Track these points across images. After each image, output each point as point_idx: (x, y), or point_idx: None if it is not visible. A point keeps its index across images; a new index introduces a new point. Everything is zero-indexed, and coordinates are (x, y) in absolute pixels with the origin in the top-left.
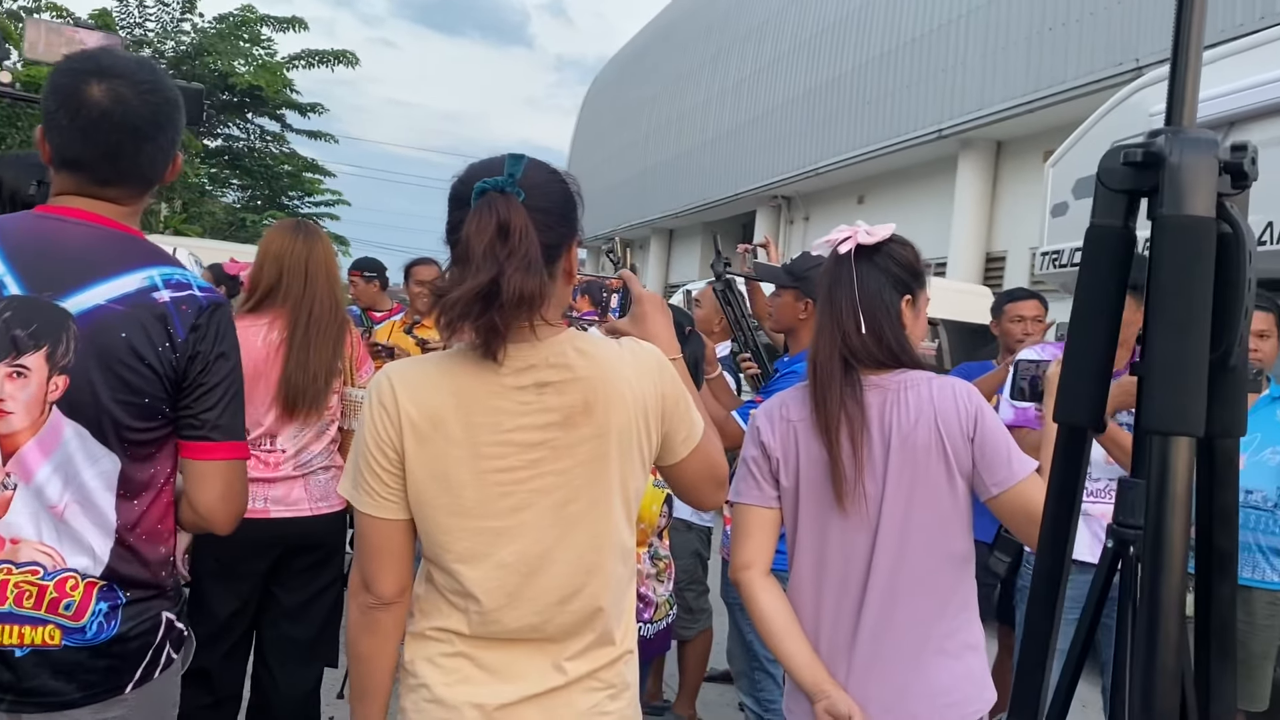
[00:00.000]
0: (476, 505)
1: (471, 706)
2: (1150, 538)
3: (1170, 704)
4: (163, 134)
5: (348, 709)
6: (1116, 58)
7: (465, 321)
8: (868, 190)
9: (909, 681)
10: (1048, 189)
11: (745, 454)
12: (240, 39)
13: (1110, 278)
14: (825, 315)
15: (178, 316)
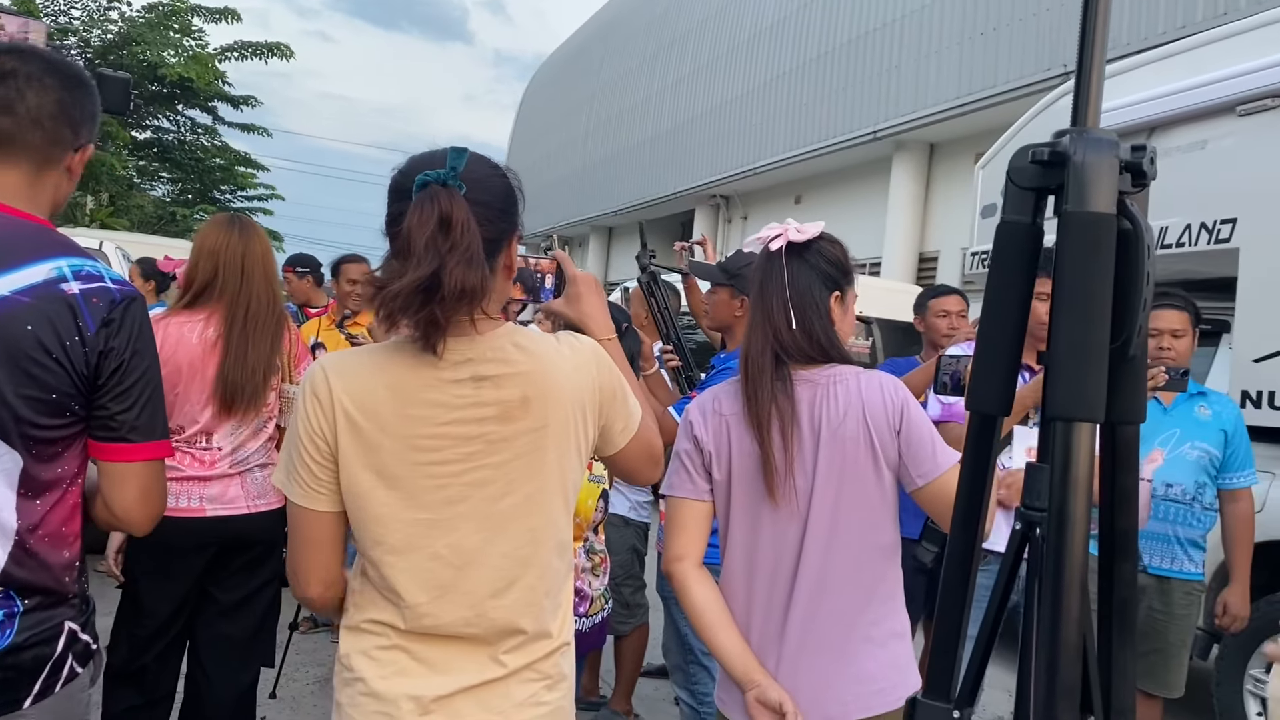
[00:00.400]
0: (410, 497)
1: (408, 699)
2: (1054, 519)
3: (1073, 676)
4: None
5: (280, 709)
6: (1045, 63)
7: (405, 314)
8: (805, 190)
9: (837, 669)
10: (978, 190)
11: (678, 447)
12: (170, 29)
13: (1018, 272)
14: (757, 311)
15: (88, 309)
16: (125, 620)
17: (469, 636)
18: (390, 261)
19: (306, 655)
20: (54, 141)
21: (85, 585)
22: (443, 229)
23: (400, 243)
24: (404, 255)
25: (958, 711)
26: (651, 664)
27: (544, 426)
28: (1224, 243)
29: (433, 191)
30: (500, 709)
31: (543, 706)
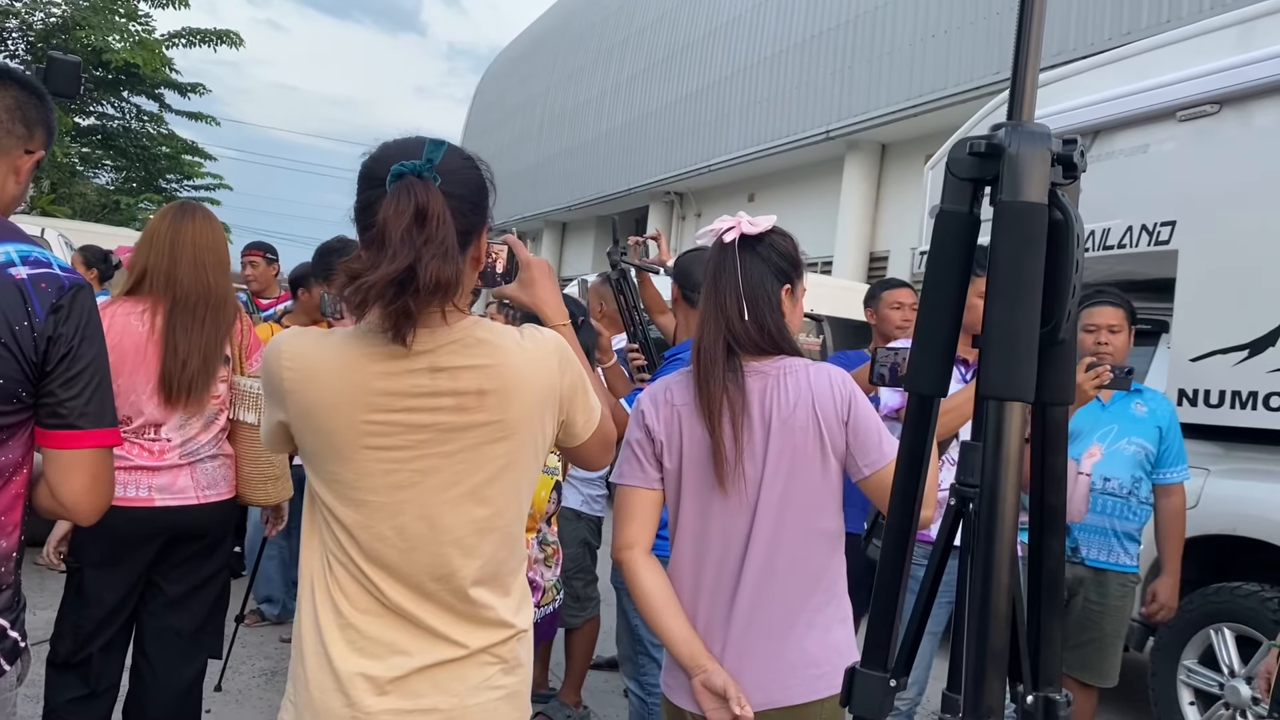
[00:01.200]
0: (354, 479)
1: (362, 678)
2: (986, 494)
3: (1001, 643)
4: None
5: (226, 702)
6: (995, 66)
7: (378, 305)
8: (758, 188)
9: (782, 654)
10: (927, 190)
11: (629, 436)
12: (115, 14)
13: (955, 259)
14: (710, 302)
15: (36, 295)
16: (70, 611)
17: (418, 615)
18: (362, 252)
19: (253, 648)
20: (7, 132)
21: (19, 581)
22: (419, 221)
23: (375, 233)
24: (378, 246)
25: (894, 680)
26: (601, 656)
27: (499, 420)
28: (1164, 245)
29: (409, 183)
30: (456, 691)
31: (498, 690)
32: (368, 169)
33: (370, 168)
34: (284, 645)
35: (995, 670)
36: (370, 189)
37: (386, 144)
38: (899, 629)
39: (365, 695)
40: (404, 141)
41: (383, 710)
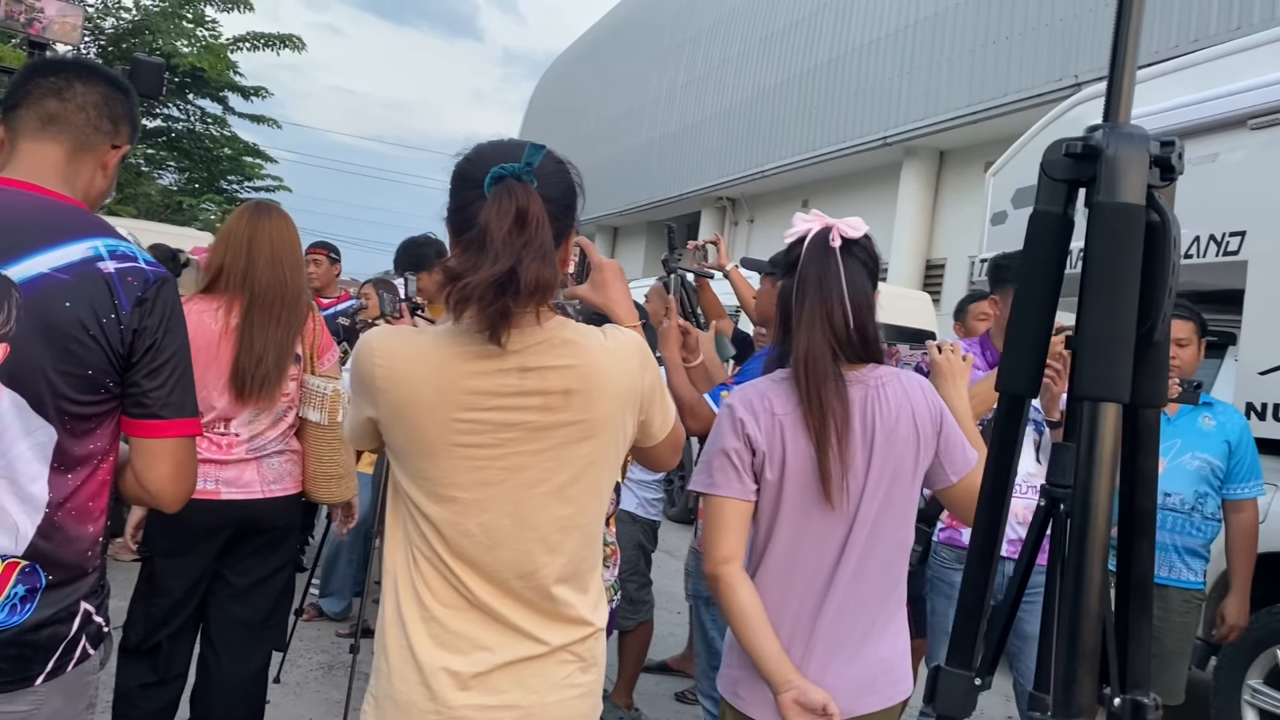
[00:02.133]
0: (443, 475)
1: (446, 672)
2: (1079, 495)
3: (1093, 643)
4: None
5: (284, 694)
6: (1056, 73)
7: (479, 306)
8: (812, 194)
9: (860, 663)
10: (988, 198)
11: (725, 445)
12: (183, 18)
13: (1050, 259)
14: (815, 309)
15: (123, 288)
16: (141, 599)
17: (500, 611)
18: (462, 252)
19: (310, 642)
20: (95, 128)
21: (104, 566)
22: (519, 224)
23: (475, 234)
24: (479, 247)
25: (979, 679)
26: (652, 660)
27: (584, 419)
28: (1232, 255)
29: (510, 186)
30: (536, 688)
31: (576, 689)
32: (464, 171)
33: (466, 170)
34: (340, 640)
35: (1087, 670)
36: (467, 190)
37: (481, 146)
38: (983, 628)
39: (448, 689)
40: (499, 144)
41: (464, 705)
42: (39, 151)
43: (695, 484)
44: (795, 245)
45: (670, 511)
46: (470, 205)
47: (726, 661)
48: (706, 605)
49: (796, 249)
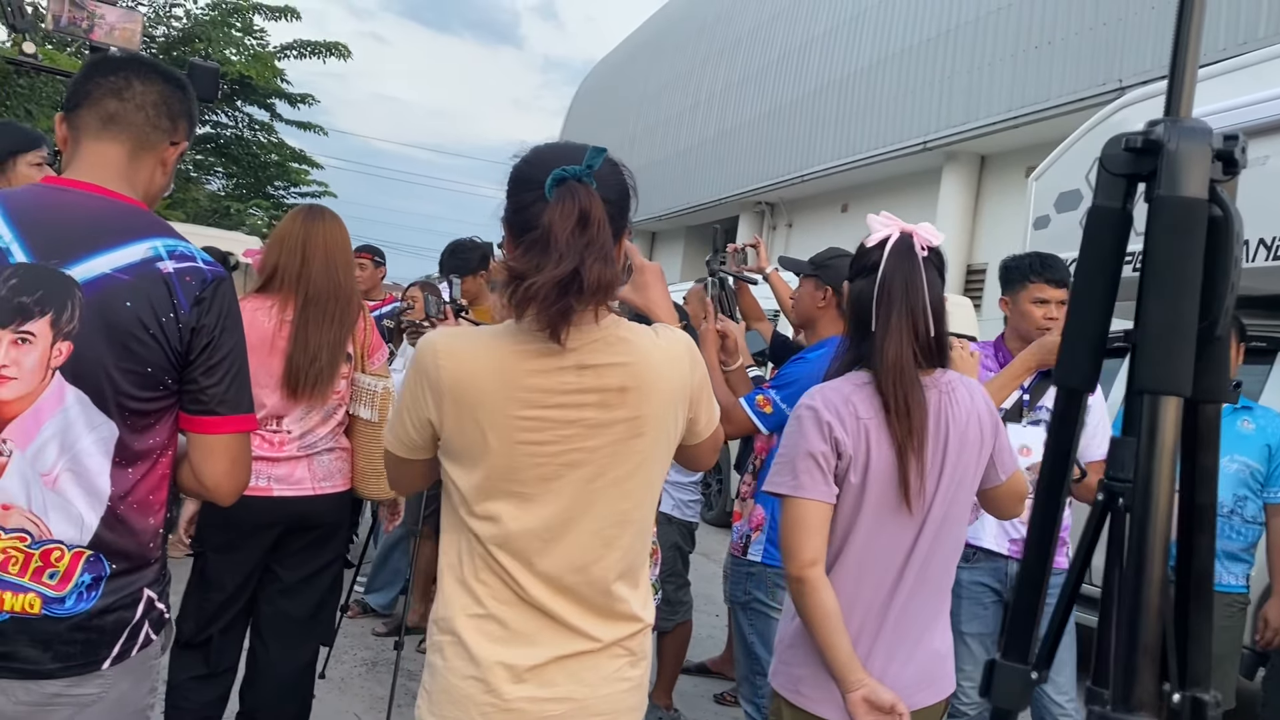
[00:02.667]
0: (508, 472)
1: (502, 666)
2: (1140, 489)
3: (1153, 638)
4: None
5: (329, 689)
6: (1100, 78)
7: (542, 305)
8: (851, 199)
9: (918, 657)
10: (1030, 202)
11: (811, 448)
12: (232, 27)
13: (1109, 254)
14: (902, 316)
15: (181, 288)
16: (194, 593)
17: (556, 606)
18: (523, 252)
19: (354, 639)
20: (154, 127)
21: (165, 555)
22: (582, 225)
23: (538, 236)
24: (542, 249)
25: (1035, 673)
26: (691, 661)
27: (639, 416)
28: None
29: (573, 188)
30: (589, 681)
31: (626, 682)
32: (523, 173)
33: (526, 172)
34: (383, 637)
35: (1147, 664)
36: (527, 192)
37: (540, 148)
38: (1040, 621)
39: (503, 683)
40: (557, 146)
41: (519, 698)
42: (100, 151)
43: (778, 486)
44: (875, 249)
45: (708, 515)
46: (531, 207)
47: (786, 660)
48: (744, 610)
49: (876, 253)
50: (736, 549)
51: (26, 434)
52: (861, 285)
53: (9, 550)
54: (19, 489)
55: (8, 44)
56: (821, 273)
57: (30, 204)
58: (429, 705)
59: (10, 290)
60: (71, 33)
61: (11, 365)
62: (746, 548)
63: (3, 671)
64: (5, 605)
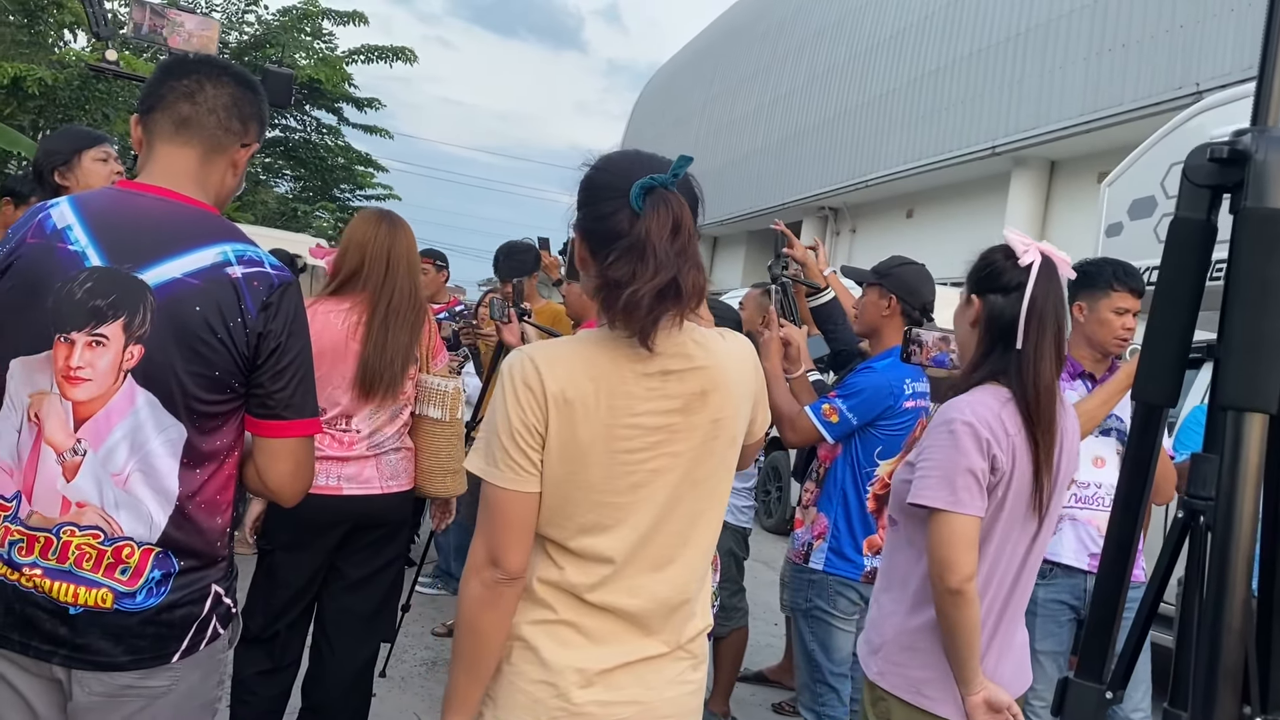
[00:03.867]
0: (603, 481)
1: (574, 670)
2: (1222, 507)
3: (1235, 661)
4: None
5: (389, 688)
6: (1176, 82)
7: (643, 313)
8: (916, 204)
9: (1017, 650)
10: (1103, 209)
11: (971, 464)
12: (302, 32)
13: (1192, 268)
14: (1051, 340)
15: (249, 293)
16: (260, 589)
17: (630, 612)
18: (615, 260)
19: (415, 638)
20: (226, 129)
21: (233, 552)
22: (674, 233)
23: (633, 244)
24: (639, 257)
25: (1110, 692)
26: (748, 669)
27: (717, 419)
28: None
29: (665, 196)
30: (654, 684)
31: (688, 685)
32: (604, 181)
33: (607, 180)
34: (441, 638)
35: (1228, 687)
36: (610, 200)
37: (613, 157)
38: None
39: (573, 687)
40: (630, 154)
41: (587, 701)
42: (174, 155)
43: (935, 500)
44: (1016, 268)
45: (768, 522)
46: (615, 215)
47: (900, 662)
48: (806, 617)
49: (1019, 273)
50: (798, 556)
51: (99, 434)
52: (1004, 303)
53: (83, 547)
54: (92, 488)
55: (87, 50)
56: (885, 281)
57: (105, 208)
58: (494, 711)
59: (86, 294)
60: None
61: (86, 367)
62: (808, 555)
63: (78, 663)
64: (80, 599)
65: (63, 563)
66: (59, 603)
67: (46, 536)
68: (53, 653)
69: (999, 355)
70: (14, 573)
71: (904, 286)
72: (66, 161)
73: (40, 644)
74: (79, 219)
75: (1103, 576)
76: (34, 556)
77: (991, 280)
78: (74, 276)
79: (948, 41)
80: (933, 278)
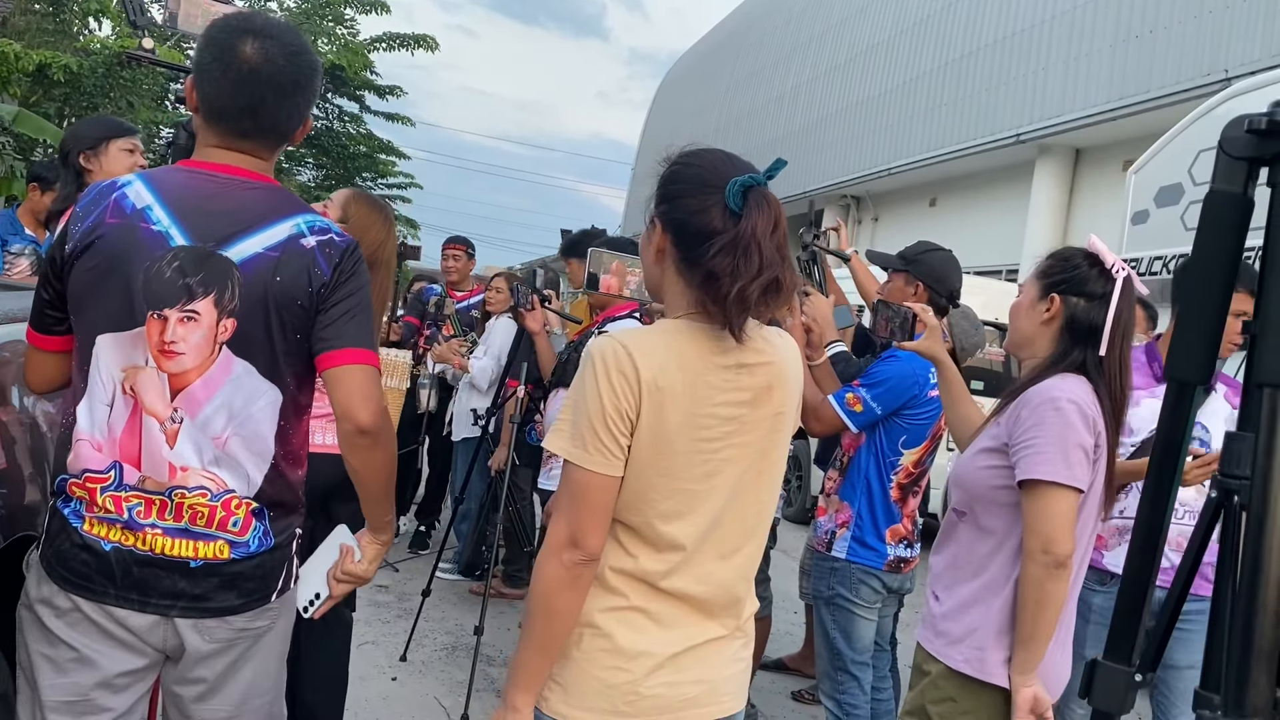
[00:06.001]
0: (682, 469)
1: (646, 655)
2: (1258, 486)
3: (1270, 641)
4: (301, 94)
5: (410, 672)
6: (1204, 68)
7: (748, 308)
8: (940, 193)
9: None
10: (1129, 196)
11: (1080, 440)
12: (325, 19)
13: (1228, 241)
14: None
15: (324, 259)
16: None
17: (697, 598)
18: (718, 255)
19: (435, 623)
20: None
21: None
22: (774, 232)
23: (736, 240)
24: (744, 253)
25: (1139, 675)
26: (769, 657)
27: (780, 413)
28: None
29: (765, 195)
30: (715, 664)
31: (740, 663)
32: (698, 176)
33: (702, 175)
34: (463, 624)
35: (1263, 668)
36: (706, 195)
37: (699, 153)
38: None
39: (644, 671)
40: (715, 152)
41: (658, 683)
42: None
43: (1051, 474)
44: (1102, 278)
45: (787, 511)
46: (711, 209)
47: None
48: (828, 605)
49: (1104, 283)
50: (820, 544)
51: (196, 403)
52: (1090, 308)
53: (195, 506)
54: (192, 453)
55: (113, 38)
56: (912, 268)
57: (183, 189)
58: (564, 696)
59: (175, 272)
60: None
61: (179, 341)
62: (831, 543)
63: (200, 613)
64: (199, 554)
65: (179, 521)
66: (179, 558)
67: (161, 499)
68: (171, 606)
69: (1079, 349)
70: (131, 536)
71: (932, 274)
72: (94, 146)
73: (159, 600)
74: (157, 199)
75: (1132, 556)
76: (152, 518)
77: (1076, 284)
78: (161, 256)
79: (972, 28)
80: (960, 265)
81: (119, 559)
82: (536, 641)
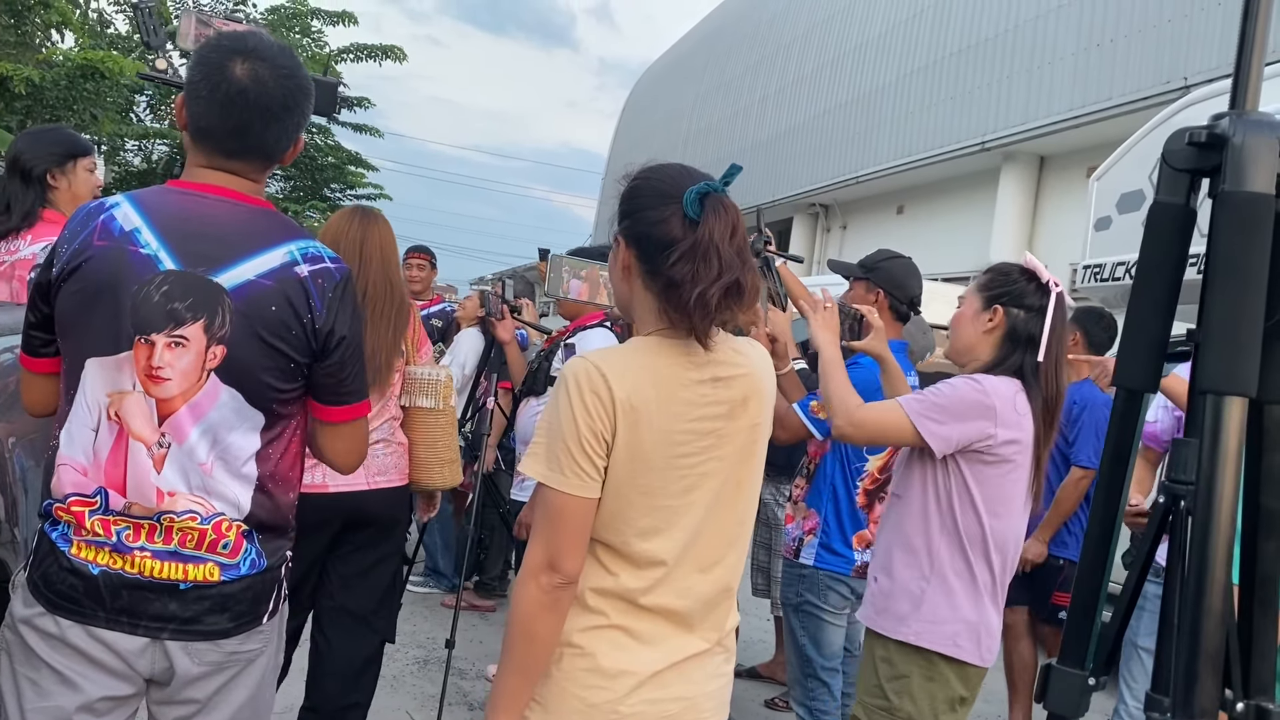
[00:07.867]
0: (660, 486)
1: (627, 673)
2: (1202, 492)
3: (1215, 644)
4: (290, 117)
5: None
6: (1164, 76)
7: (711, 314)
8: (907, 200)
9: None
10: (1091, 203)
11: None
12: (291, 31)
13: (1171, 251)
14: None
15: (316, 290)
16: None
17: (678, 612)
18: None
19: (406, 636)
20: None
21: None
22: (733, 236)
23: (694, 246)
24: (703, 259)
25: (1093, 679)
26: (742, 665)
27: (755, 424)
28: None
29: (722, 201)
30: (696, 680)
31: (722, 679)
32: (658, 188)
33: (661, 187)
34: (434, 637)
35: (1209, 670)
36: (665, 205)
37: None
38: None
39: (626, 688)
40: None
41: (638, 701)
42: (229, 180)
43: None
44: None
45: None
46: (670, 219)
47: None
48: (796, 612)
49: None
50: (788, 551)
51: (182, 429)
52: (1027, 319)
53: (184, 529)
54: (179, 478)
55: (75, 50)
56: (872, 276)
57: (172, 211)
58: (545, 716)
59: (163, 296)
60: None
61: (166, 366)
62: (799, 551)
63: (190, 635)
64: (189, 576)
65: (168, 544)
66: (168, 581)
67: (150, 524)
68: (162, 629)
69: (1017, 355)
70: (120, 559)
71: (891, 280)
72: (62, 165)
73: (149, 622)
74: (145, 221)
75: (1084, 560)
76: (141, 541)
77: (1017, 297)
78: (149, 280)
79: (936, 38)
80: (920, 271)
81: (107, 582)
82: (516, 665)
